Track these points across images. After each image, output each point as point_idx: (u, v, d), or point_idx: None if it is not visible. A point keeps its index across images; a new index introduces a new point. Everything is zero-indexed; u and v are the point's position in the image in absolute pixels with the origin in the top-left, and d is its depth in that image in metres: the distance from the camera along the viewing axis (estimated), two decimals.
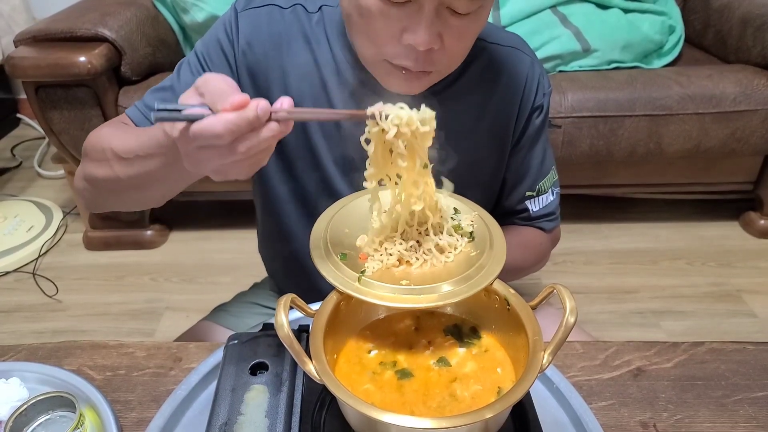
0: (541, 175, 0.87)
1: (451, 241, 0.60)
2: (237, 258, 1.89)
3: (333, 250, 0.58)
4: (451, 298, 0.54)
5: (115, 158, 0.68)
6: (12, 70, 1.61)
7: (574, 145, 1.73)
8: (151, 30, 1.80)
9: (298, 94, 0.77)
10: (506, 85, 0.80)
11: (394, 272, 0.57)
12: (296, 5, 0.77)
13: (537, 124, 0.83)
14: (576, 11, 1.85)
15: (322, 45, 0.76)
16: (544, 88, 0.83)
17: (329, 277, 0.55)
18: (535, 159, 0.86)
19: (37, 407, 0.61)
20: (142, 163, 0.65)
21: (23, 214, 2.13)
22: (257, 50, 0.76)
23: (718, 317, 1.66)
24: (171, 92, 0.78)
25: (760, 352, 0.72)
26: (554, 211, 0.90)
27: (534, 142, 0.85)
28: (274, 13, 0.76)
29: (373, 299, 0.54)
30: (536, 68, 0.82)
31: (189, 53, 0.81)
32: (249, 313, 0.98)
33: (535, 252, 0.91)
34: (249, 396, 0.58)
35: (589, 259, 1.88)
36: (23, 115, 2.82)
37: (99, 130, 0.76)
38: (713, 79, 1.70)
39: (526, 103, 0.81)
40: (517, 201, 0.88)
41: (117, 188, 0.71)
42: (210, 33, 0.79)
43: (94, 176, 0.73)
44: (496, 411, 0.46)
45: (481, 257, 0.57)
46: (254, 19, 0.76)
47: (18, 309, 1.76)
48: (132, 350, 0.73)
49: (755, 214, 1.96)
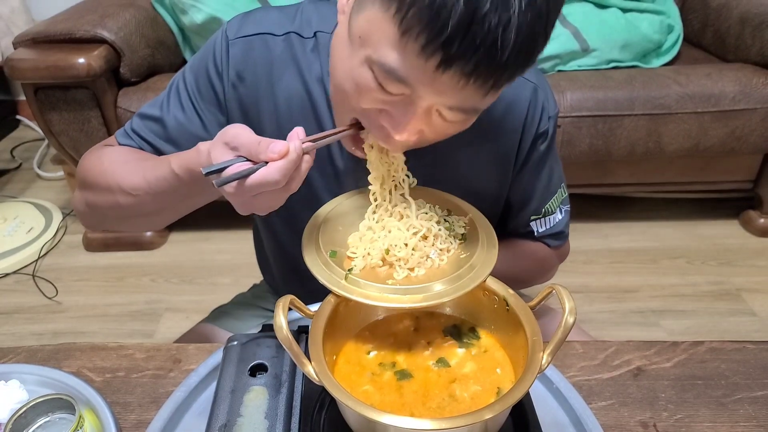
0: (546, 198, 0.83)
1: (444, 244, 0.60)
2: (236, 259, 1.89)
3: (324, 248, 0.58)
4: (437, 298, 0.54)
5: (122, 192, 0.71)
6: (11, 71, 1.61)
7: (574, 144, 1.73)
8: (150, 31, 1.80)
9: (289, 126, 0.73)
10: (506, 116, 0.75)
11: (381, 271, 0.57)
12: (290, 33, 0.73)
13: (541, 150, 0.79)
14: (575, 11, 1.85)
15: (314, 73, 0.73)
16: (549, 112, 0.77)
17: (317, 274, 0.56)
18: (540, 183, 0.81)
19: (36, 409, 0.61)
20: (151, 198, 0.69)
21: (23, 216, 2.13)
22: (248, 81, 0.74)
23: (718, 316, 1.66)
24: (160, 125, 0.77)
25: (759, 351, 0.72)
26: (562, 230, 0.86)
27: (539, 168, 0.80)
28: (267, 42, 0.73)
29: (359, 297, 0.54)
30: (539, 94, 0.76)
31: (178, 76, 0.78)
32: (248, 315, 0.98)
33: (537, 262, 0.88)
34: (248, 397, 0.58)
35: (588, 259, 1.88)
36: (23, 117, 2.82)
37: (99, 159, 0.76)
38: (712, 78, 1.70)
39: (528, 131, 0.77)
40: (522, 224, 0.85)
41: (122, 216, 0.76)
42: (200, 58, 0.76)
43: (97, 205, 0.76)
44: (496, 411, 0.46)
45: (471, 259, 0.57)
46: (245, 48, 0.73)
47: (18, 311, 1.76)
48: (131, 352, 0.73)
49: (755, 213, 1.96)
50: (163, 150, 0.77)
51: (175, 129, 0.76)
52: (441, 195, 0.67)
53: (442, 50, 0.48)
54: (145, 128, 0.78)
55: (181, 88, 0.77)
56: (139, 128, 0.78)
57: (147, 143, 0.77)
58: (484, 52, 0.47)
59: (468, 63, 0.48)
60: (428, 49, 0.48)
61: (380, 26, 0.51)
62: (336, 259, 0.58)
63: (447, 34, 0.46)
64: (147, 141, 0.77)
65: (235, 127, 0.56)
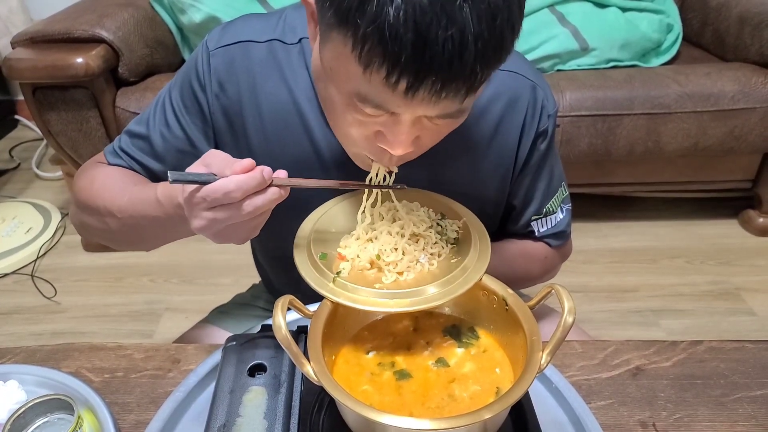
0: (548, 198, 0.82)
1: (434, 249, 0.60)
2: (236, 259, 1.88)
3: (314, 250, 0.58)
4: (424, 303, 0.54)
5: (110, 215, 0.72)
6: (9, 71, 1.61)
7: (573, 144, 1.73)
8: (149, 31, 1.80)
9: (275, 133, 0.73)
10: (505, 116, 0.74)
11: (370, 275, 0.57)
12: (272, 40, 0.72)
13: (542, 150, 0.78)
14: (574, 10, 1.85)
15: (300, 79, 0.72)
16: (549, 110, 0.76)
17: (306, 277, 0.56)
18: (541, 183, 0.81)
19: (35, 410, 0.61)
20: (135, 223, 0.70)
21: (21, 216, 2.13)
22: (230, 92, 0.73)
23: (718, 316, 1.66)
24: (146, 143, 0.77)
25: (759, 350, 0.72)
26: (564, 229, 0.85)
27: (539, 168, 0.80)
28: (249, 50, 0.72)
29: (345, 301, 0.54)
30: (539, 92, 0.75)
31: (164, 91, 0.78)
32: (247, 315, 0.97)
33: (539, 262, 0.87)
34: (247, 398, 0.58)
35: (587, 258, 1.88)
36: (21, 117, 2.82)
37: (90, 181, 0.77)
38: (711, 78, 1.70)
39: (528, 132, 0.76)
40: (523, 225, 0.84)
41: (111, 239, 0.78)
42: (184, 72, 0.75)
43: (89, 225, 0.78)
44: (495, 411, 0.46)
45: (462, 264, 0.57)
46: (226, 57, 0.72)
47: (16, 311, 1.75)
48: (130, 352, 0.73)
49: (754, 212, 1.96)
50: (152, 167, 0.78)
51: (161, 146, 0.76)
52: (437, 198, 0.67)
53: (405, 78, 0.48)
54: (133, 146, 0.78)
55: (167, 104, 0.76)
56: (127, 146, 0.79)
57: (136, 162, 0.78)
58: (446, 69, 0.47)
59: (435, 82, 0.48)
60: (391, 78, 0.48)
61: (344, 61, 0.51)
62: (326, 262, 0.58)
63: (404, 62, 0.47)
64: (135, 159, 0.78)
65: (216, 151, 0.58)
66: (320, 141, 0.73)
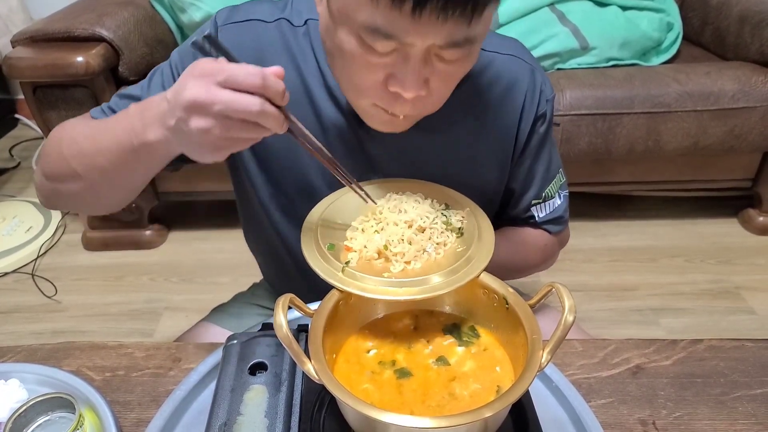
0: (546, 182, 0.84)
1: (441, 238, 0.60)
2: (236, 258, 1.88)
3: (322, 241, 0.58)
4: (433, 291, 0.55)
5: (70, 141, 0.69)
6: (9, 70, 1.61)
7: (573, 142, 1.73)
8: (149, 30, 1.80)
9: None
10: (505, 98, 0.76)
11: (378, 264, 0.58)
12: (280, 20, 0.74)
13: (541, 133, 0.80)
14: (574, 9, 1.85)
15: (308, 59, 0.73)
16: (547, 95, 0.78)
17: (314, 266, 0.57)
18: (540, 166, 0.82)
19: (36, 408, 0.61)
20: (98, 150, 0.65)
21: (22, 215, 2.13)
22: None
23: (717, 314, 1.66)
24: None
25: (759, 349, 0.72)
26: (562, 215, 0.87)
27: (539, 151, 0.81)
28: (257, 28, 0.73)
29: (355, 290, 0.55)
30: (537, 76, 0.77)
31: (164, 62, 0.77)
32: (248, 314, 0.98)
33: (539, 251, 0.88)
34: (248, 396, 0.58)
35: (587, 257, 1.88)
36: (21, 116, 2.81)
37: (60, 127, 0.74)
38: (711, 77, 1.70)
39: (527, 115, 0.77)
40: (523, 210, 0.85)
41: (68, 175, 0.70)
42: (187, 44, 0.74)
43: (49, 173, 0.73)
44: (495, 410, 0.46)
45: (467, 253, 0.58)
46: (235, 34, 0.73)
47: (17, 310, 1.75)
48: (131, 351, 0.73)
49: (754, 211, 1.96)
50: None
51: None
52: (440, 189, 0.67)
53: None
54: (122, 105, 0.75)
55: (165, 71, 0.76)
56: (115, 105, 0.76)
57: None
58: None
59: None
60: None
61: None
62: (333, 252, 0.58)
63: None
64: None
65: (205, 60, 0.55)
66: (327, 120, 0.74)
